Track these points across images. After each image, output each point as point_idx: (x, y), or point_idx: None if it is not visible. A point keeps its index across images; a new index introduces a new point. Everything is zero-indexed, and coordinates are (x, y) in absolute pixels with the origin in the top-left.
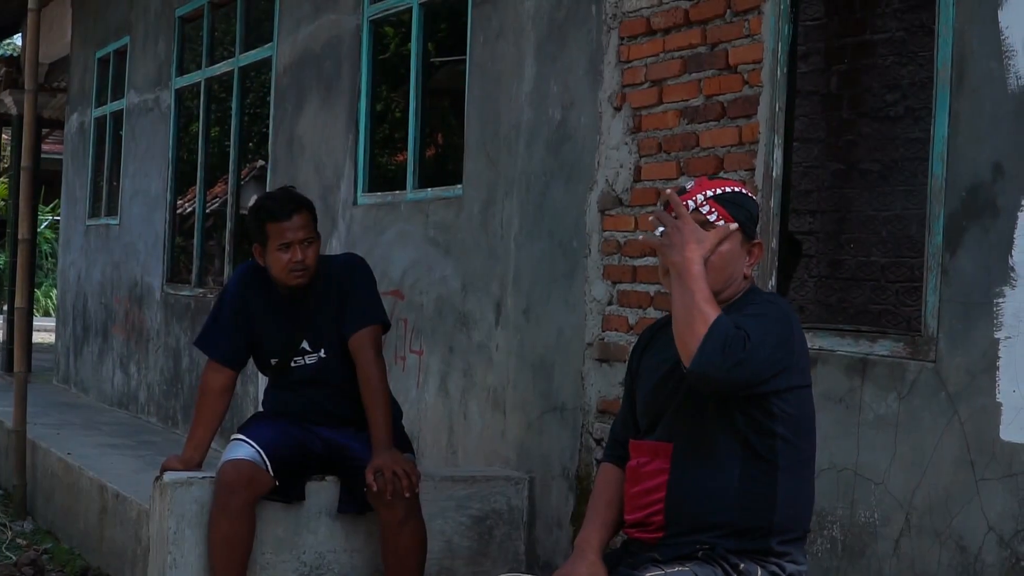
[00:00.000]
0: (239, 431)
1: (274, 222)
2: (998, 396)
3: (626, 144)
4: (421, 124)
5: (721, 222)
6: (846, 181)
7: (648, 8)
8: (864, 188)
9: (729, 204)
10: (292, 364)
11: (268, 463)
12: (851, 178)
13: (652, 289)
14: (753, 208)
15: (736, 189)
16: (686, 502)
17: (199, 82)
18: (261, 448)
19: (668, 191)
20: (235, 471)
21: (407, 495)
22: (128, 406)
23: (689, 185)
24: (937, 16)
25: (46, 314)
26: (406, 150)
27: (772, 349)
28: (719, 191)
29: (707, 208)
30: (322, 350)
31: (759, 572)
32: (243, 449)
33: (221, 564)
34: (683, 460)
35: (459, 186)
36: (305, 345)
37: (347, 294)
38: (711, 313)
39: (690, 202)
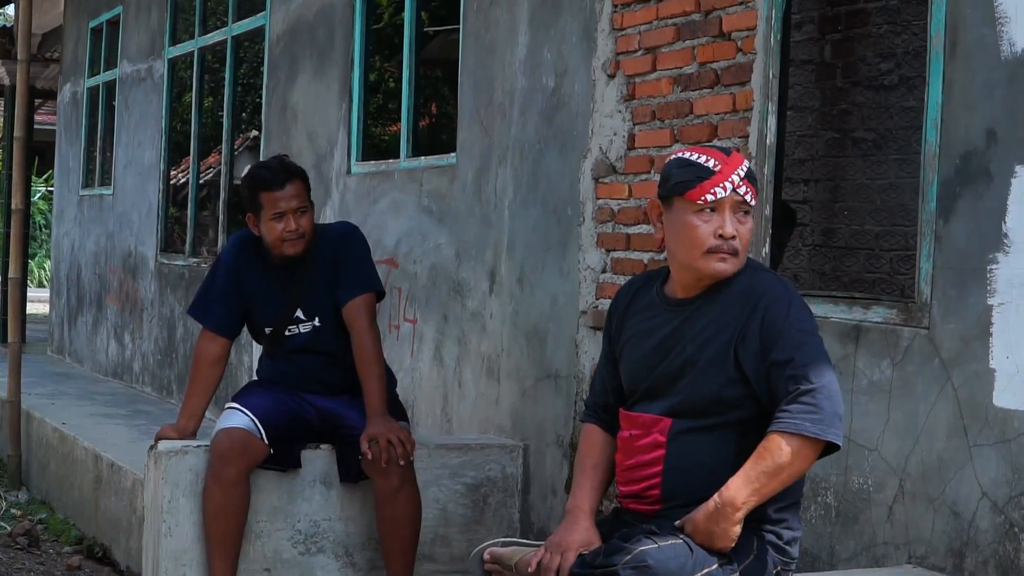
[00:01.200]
0: (233, 399)
1: (267, 191)
2: (991, 362)
3: (620, 112)
4: (415, 93)
5: (753, 202)
6: (840, 150)
7: None
8: (858, 157)
9: (753, 181)
10: (287, 333)
11: (262, 431)
12: (845, 147)
13: (646, 257)
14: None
15: (748, 164)
16: (683, 477)
17: (192, 52)
18: (255, 416)
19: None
20: (229, 440)
21: (402, 463)
22: (122, 376)
23: (712, 164)
24: None
25: (40, 285)
26: (400, 121)
27: (829, 366)
28: (745, 168)
29: (744, 189)
30: (316, 319)
31: (755, 542)
32: (237, 417)
33: (216, 533)
34: (680, 435)
35: (453, 154)
36: (299, 314)
37: (340, 262)
38: (798, 458)
39: (728, 183)
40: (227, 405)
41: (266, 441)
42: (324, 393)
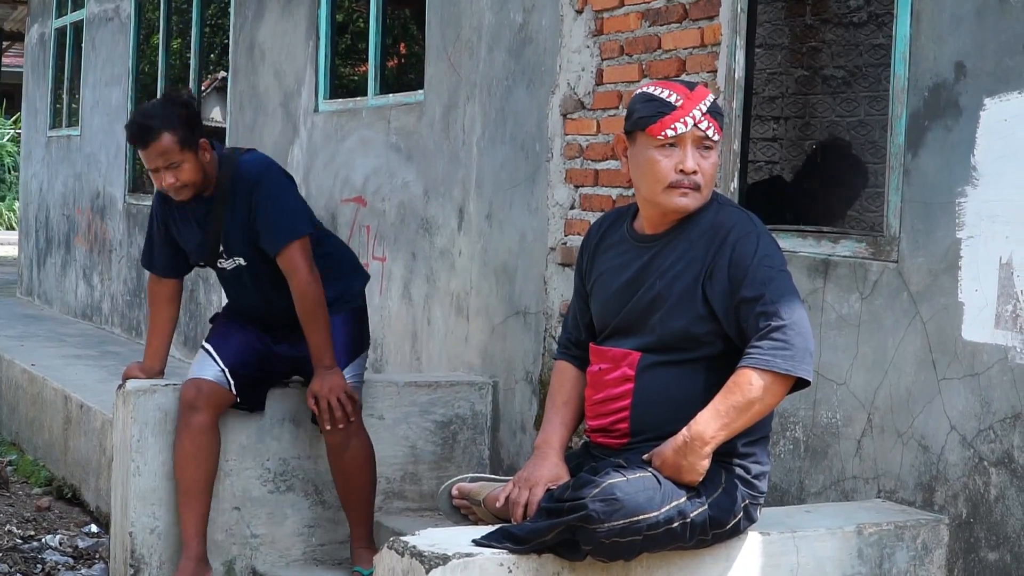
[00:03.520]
0: (207, 340)
1: (139, 148)
2: (960, 296)
3: (588, 47)
4: (382, 31)
5: (717, 137)
6: (810, 87)
7: None
8: (827, 94)
9: (717, 115)
10: (218, 266)
11: (231, 380)
12: (814, 84)
13: (614, 193)
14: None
15: (712, 99)
16: (652, 411)
17: None
18: (226, 365)
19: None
20: (196, 389)
21: (340, 426)
22: (92, 317)
23: (674, 99)
24: None
25: (9, 228)
26: (367, 62)
27: (798, 302)
28: (708, 103)
29: (706, 124)
30: (239, 258)
31: (723, 475)
32: (208, 368)
33: (185, 479)
34: (648, 369)
35: (420, 92)
36: (222, 251)
37: (258, 210)
38: (764, 396)
39: (688, 119)
40: (202, 345)
41: (234, 391)
42: (289, 334)
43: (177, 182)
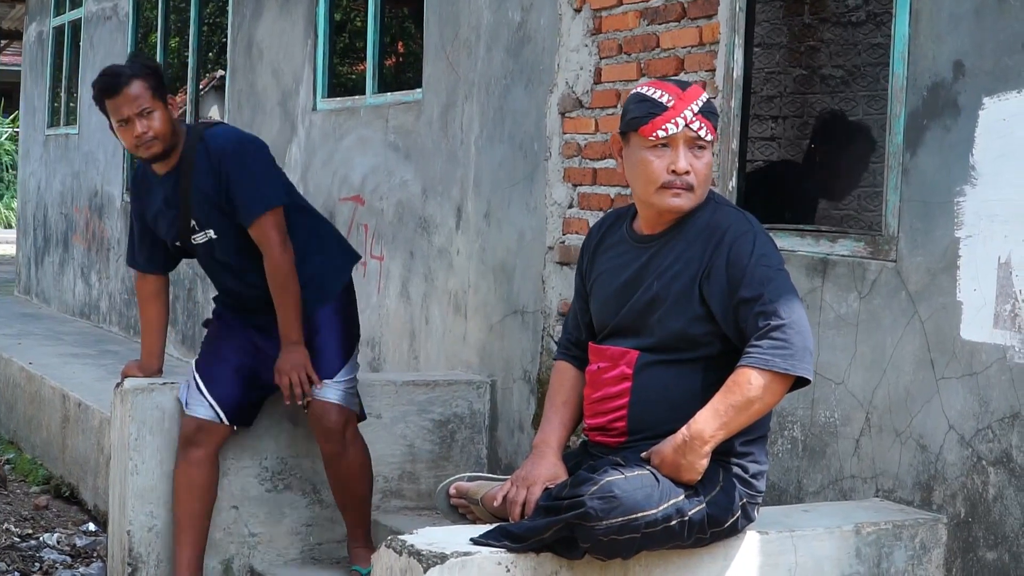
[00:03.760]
0: (197, 366)
1: (109, 98)
2: (958, 295)
3: (586, 46)
4: (380, 28)
5: (709, 137)
6: (808, 86)
7: None
8: (826, 93)
9: (711, 115)
10: (193, 242)
11: (223, 416)
12: (813, 83)
13: (613, 192)
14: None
15: (705, 98)
16: (650, 409)
17: None
18: (215, 400)
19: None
20: (195, 426)
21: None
22: (89, 316)
23: (665, 99)
24: None
25: (8, 226)
26: (365, 61)
27: (797, 301)
28: (701, 103)
29: (697, 124)
30: (209, 231)
31: (721, 474)
32: (199, 406)
33: (179, 512)
34: (646, 368)
35: (419, 90)
36: (193, 225)
37: (230, 182)
38: (766, 393)
39: (679, 119)
40: (192, 372)
41: (227, 422)
42: (270, 320)
43: (149, 131)
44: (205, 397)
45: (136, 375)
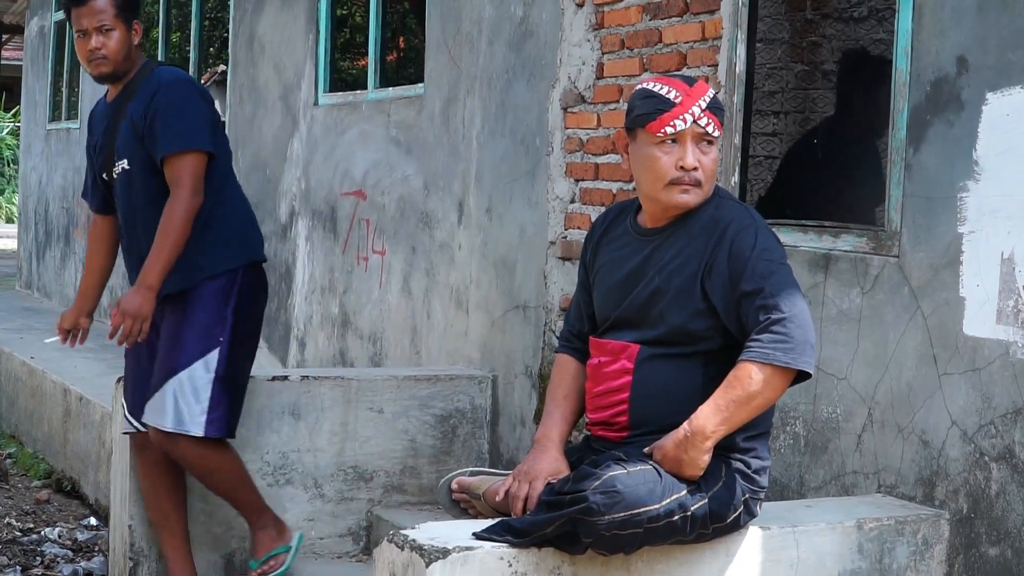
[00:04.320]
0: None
1: (74, 7)
2: (961, 290)
3: (588, 41)
4: (382, 24)
5: (717, 133)
6: (810, 82)
7: None
8: (827, 89)
9: (718, 111)
10: (113, 175)
11: (139, 424)
12: (815, 79)
13: (615, 187)
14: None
15: (712, 94)
16: (651, 403)
17: None
18: (130, 414)
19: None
20: (132, 440)
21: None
22: None
23: (673, 95)
24: None
25: (9, 221)
26: (367, 55)
27: (799, 295)
28: (708, 98)
29: (705, 120)
30: (125, 160)
31: (723, 469)
32: (125, 422)
33: (152, 513)
34: (647, 361)
35: (420, 85)
36: (117, 150)
37: (156, 113)
38: (767, 389)
39: (688, 116)
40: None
41: (143, 428)
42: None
43: (103, 48)
44: (123, 409)
45: (68, 318)
